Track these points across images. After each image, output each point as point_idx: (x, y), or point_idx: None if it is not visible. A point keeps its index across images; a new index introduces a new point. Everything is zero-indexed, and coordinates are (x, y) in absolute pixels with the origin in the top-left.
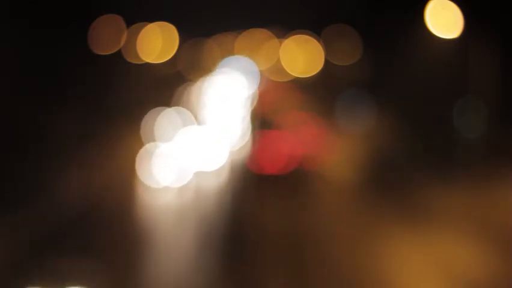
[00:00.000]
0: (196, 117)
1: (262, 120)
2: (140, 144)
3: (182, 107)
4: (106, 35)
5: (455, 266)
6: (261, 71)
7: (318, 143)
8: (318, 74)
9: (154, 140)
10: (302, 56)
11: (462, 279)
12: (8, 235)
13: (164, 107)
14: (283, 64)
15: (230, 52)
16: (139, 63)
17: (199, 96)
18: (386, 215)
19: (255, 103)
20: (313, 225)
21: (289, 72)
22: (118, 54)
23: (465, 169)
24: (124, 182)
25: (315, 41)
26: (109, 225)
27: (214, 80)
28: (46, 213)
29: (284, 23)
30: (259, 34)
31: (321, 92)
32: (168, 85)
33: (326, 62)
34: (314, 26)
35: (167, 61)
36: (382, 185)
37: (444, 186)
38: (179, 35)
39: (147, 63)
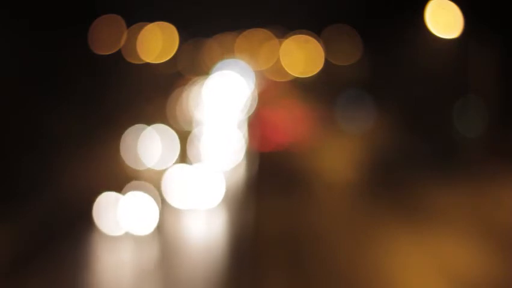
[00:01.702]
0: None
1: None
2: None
3: (171, 123)
4: (106, 35)
5: (455, 266)
6: (260, 71)
7: (305, 128)
8: (318, 74)
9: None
10: (302, 56)
11: (462, 279)
12: (7, 235)
13: (145, 125)
14: (283, 64)
15: (230, 52)
16: (139, 63)
17: (197, 100)
18: (386, 215)
19: (254, 105)
20: (313, 226)
21: (289, 72)
22: (118, 54)
23: (465, 169)
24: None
25: (315, 41)
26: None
27: (212, 81)
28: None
29: (284, 23)
30: (259, 34)
31: (321, 92)
32: (165, 86)
33: (326, 62)
34: (314, 26)
35: (167, 61)
36: (382, 185)
37: (445, 186)
38: (179, 35)
39: (147, 63)
